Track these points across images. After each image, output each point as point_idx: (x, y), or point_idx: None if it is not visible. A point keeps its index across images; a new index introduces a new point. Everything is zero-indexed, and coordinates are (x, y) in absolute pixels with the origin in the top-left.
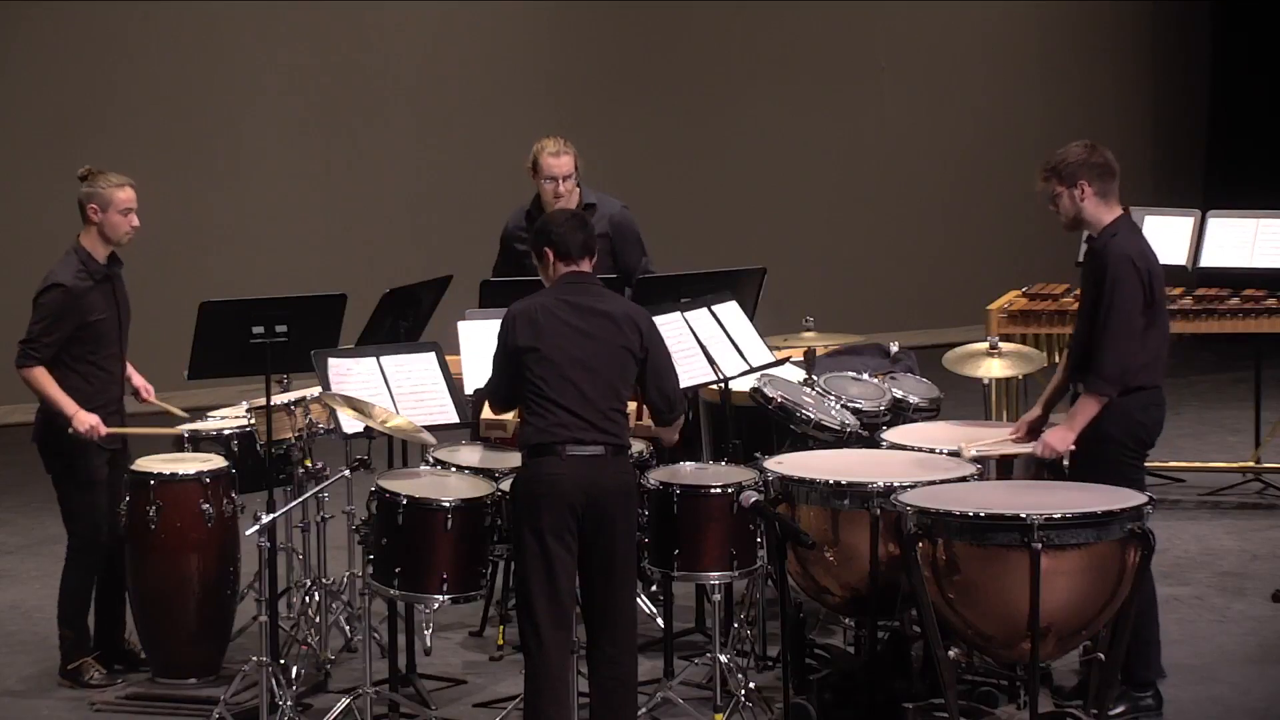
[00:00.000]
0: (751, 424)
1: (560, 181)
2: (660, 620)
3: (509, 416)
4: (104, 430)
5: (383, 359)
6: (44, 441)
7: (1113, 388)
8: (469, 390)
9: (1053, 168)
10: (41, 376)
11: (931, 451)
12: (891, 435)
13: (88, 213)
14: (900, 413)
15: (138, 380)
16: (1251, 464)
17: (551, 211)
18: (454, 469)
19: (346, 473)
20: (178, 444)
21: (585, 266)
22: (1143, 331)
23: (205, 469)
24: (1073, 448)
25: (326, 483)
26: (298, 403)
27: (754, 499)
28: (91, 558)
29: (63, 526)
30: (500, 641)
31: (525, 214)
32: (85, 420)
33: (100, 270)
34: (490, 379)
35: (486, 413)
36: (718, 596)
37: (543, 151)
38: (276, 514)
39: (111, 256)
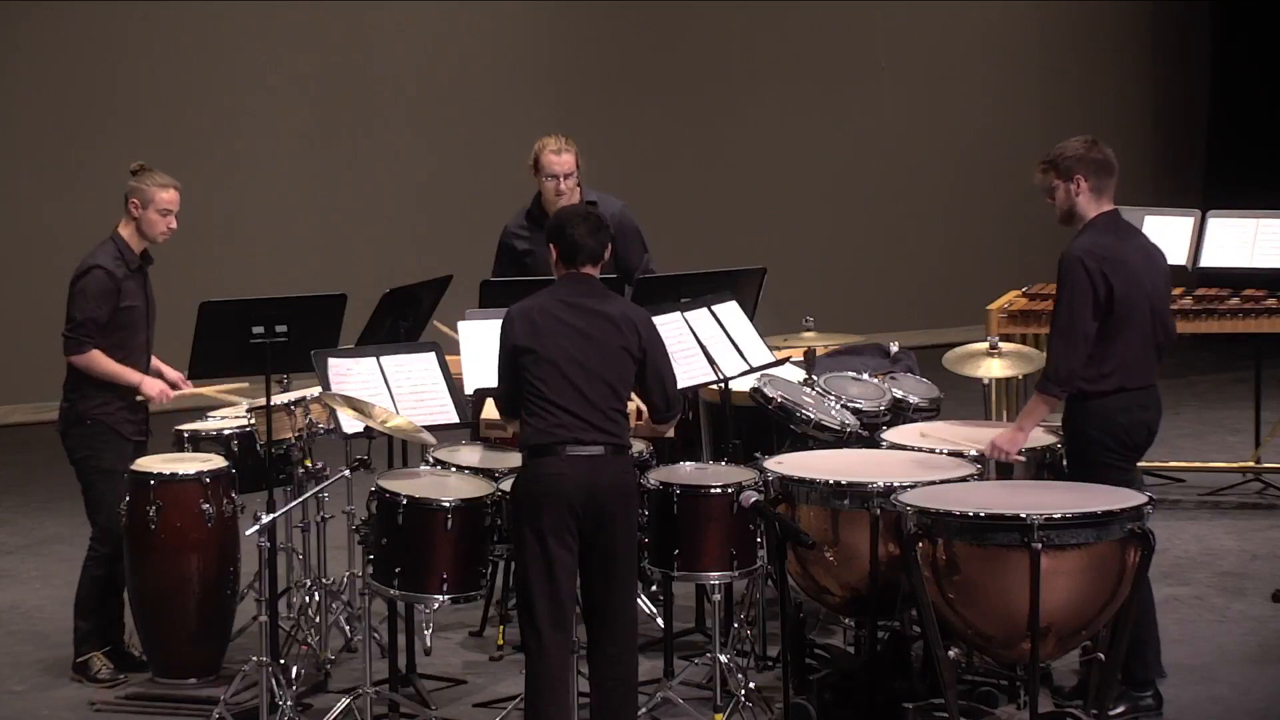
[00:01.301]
0: (751, 424)
1: (561, 179)
2: (660, 620)
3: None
4: (172, 394)
5: (383, 359)
6: (67, 432)
7: (1059, 388)
8: (469, 390)
9: (1051, 160)
10: (99, 357)
11: (931, 452)
12: (891, 435)
13: (129, 207)
14: (900, 413)
15: (172, 374)
16: (1251, 464)
17: (568, 208)
18: (454, 469)
19: (346, 473)
20: (178, 443)
21: (590, 271)
22: (1116, 333)
23: (205, 469)
24: (1019, 457)
25: (326, 483)
26: (298, 403)
27: (754, 499)
28: (112, 549)
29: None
30: (500, 641)
31: (525, 214)
32: (153, 385)
33: (135, 261)
34: (498, 385)
35: (486, 413)
36: (718, 596)
37: (544, 149)
38: (276, 514)
39: (144, 253)
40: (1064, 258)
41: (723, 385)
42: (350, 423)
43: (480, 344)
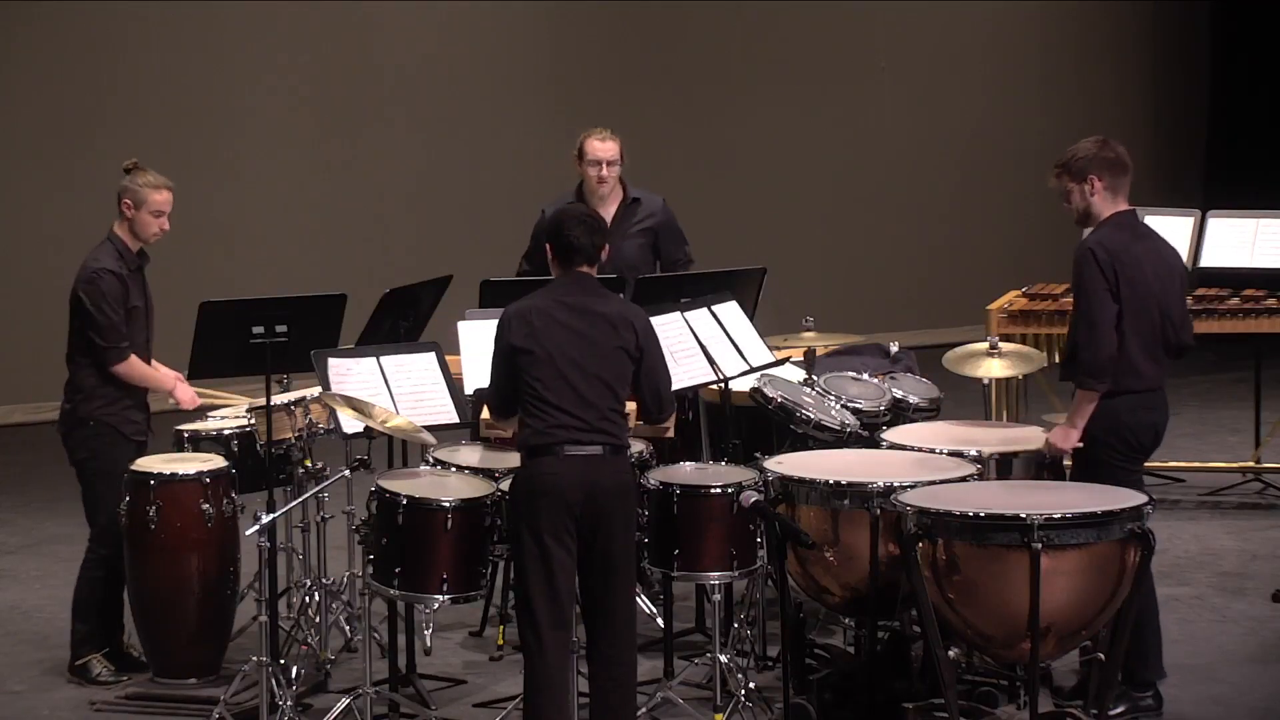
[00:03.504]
0: (751, 424)
1: (604, 165)
2: (660, 620)
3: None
4: (198, 400)
5: (383, 359)
6: (69, 433)
7: (1097, 381)
8: (469, 390)
9: (1064, 163)
10: (137, 362)
11: (932, 452)
12: (891, 435)
13: (122, 206)
14: (900, 413)
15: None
16: (1251, 464)
17: (566, 209)
18: (454, 469)
19: (346, 473)
20: (178, 443)
21: (586, 270)
22: (1120, 333)
23: (205, 469)
24: (1079, 445)
25: (326, 483)
26: (298, 403)
27: (754, 499)
28: (110, 551)
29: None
30: (500, 641)
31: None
32: (186, 393)
33: (134, 260)
34: (490, 385)
35: (487, 413)
36: (718, 596)
37: (589, 136)
38: (276, 514)
39: (140, 252)
40: (1076, 252)
41: (723, 385)
42: (350, 423)
43: (480, 344)
